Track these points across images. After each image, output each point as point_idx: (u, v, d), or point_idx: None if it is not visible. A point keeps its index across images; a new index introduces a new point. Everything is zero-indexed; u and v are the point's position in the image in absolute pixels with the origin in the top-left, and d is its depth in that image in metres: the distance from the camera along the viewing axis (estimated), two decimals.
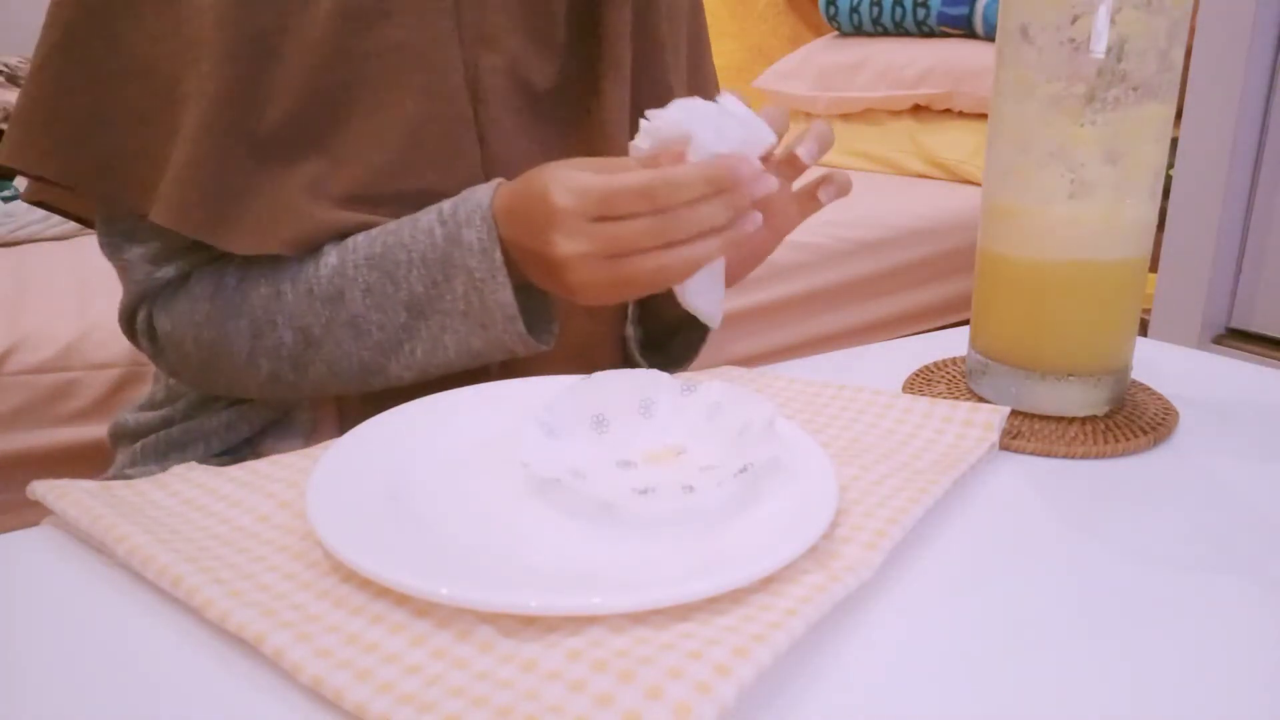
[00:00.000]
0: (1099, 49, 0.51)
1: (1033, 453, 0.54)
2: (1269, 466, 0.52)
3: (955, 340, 0.72)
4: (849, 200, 0.66)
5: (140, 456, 0.67)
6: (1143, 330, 1.29)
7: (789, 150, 0.59)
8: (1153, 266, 1.50)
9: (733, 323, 1.47)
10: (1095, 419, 0.57)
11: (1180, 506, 0.48)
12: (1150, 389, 0.62)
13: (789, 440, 0.47)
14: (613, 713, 0.30)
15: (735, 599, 0.37)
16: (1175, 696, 0.34)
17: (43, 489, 0.44)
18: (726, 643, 0.33)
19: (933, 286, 1.70)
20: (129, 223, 0.61)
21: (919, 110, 1.99)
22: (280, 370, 0.60)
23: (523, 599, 0.35)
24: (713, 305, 0.60)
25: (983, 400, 0.59)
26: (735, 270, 0.65)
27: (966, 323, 0.63)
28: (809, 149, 0.58)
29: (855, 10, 2.09)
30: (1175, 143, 1.51)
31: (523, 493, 0.44)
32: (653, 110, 0.54)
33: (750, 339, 1.50)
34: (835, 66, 2.07)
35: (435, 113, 0.60)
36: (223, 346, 0.60)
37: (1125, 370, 0.58)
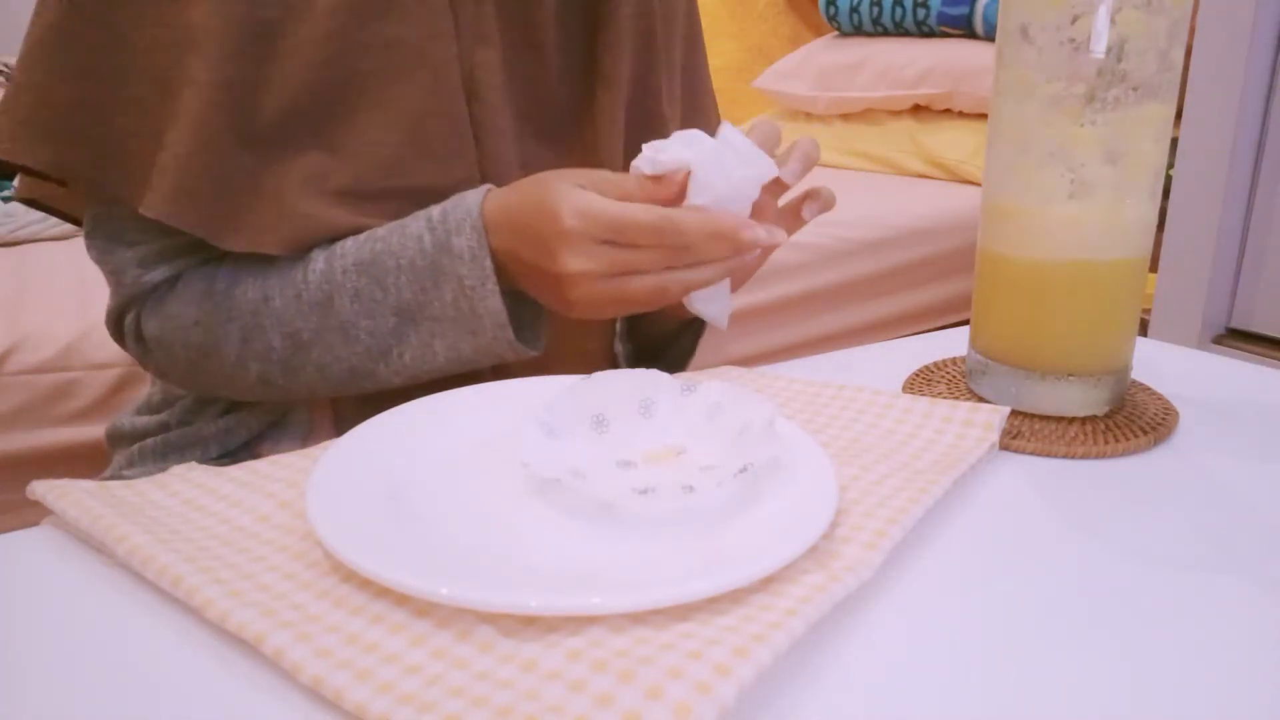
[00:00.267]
0: (1099, 49, 0.51)
1: (1033, 453, 0.54)
2: (1269, 466, 0.52)
3: (955, 340, 0.72)
4: (849, 200, 0.66)
5: (138, 459, 0.67)
6: (1143, 330, 1.29)
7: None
8: (1153, 266, 1.50)
9: (733, 323, 1.45)
10: (1095, 419, 0.57)
11: (1180, 506, 0.48)
12: (1150, 389, 0.62)
13: (789, 440, 0.47)
14: (613, 713, 0.30)
15: (735, 599, 0.37)
16: (1175, 696, 0.34)
17: (43, 489, 0.44)
18: (726, 643, 0.33)
19: (933, 286, 1.70)
20: (117, 225, 0.61)
21: (919, 110, 2.00)
22: (270, 373, 0.60)
23: (523, 599, 0.35)
24: (720, 310, 0.61)
25: (983, 400, 0.59)
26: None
27: (966, 323, 0.63)
28: (793, 170, 0.57)
29: (855, 10, 2.09)
30: (1175, 143, 1.51)
31: (523, 493, 0.44)
32: (655, 143, 0.55)
33: (750, 339, 1.50)
34: (835, 66, 2.07)
35: (433, 109, 0.60)
36: (212, 350, 0.60)
37: (1125, 370, 0.58)
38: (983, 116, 1.88)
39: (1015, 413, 0.57)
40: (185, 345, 0.61)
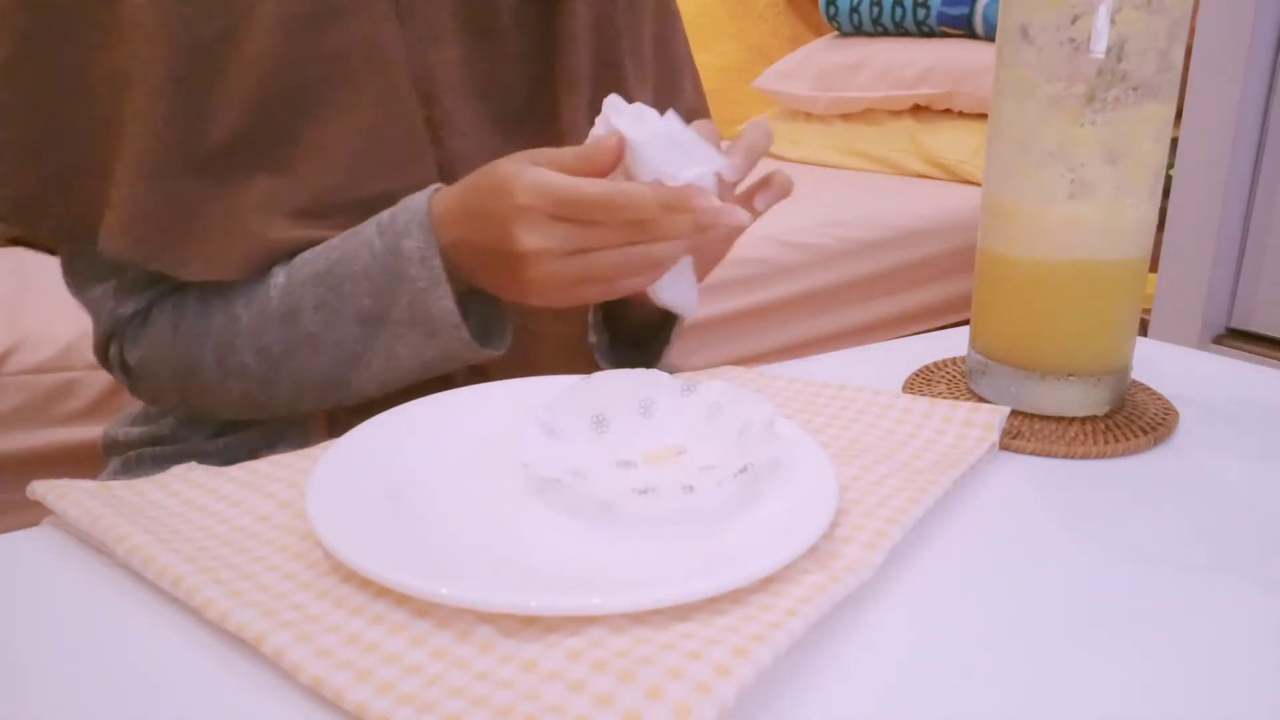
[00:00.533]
0: (1099, 49, 0.51)
1: (1033, 453, 0.54)
2: (1269, 466, 0.52)
3: (955, 340, 0.72)
4: (849, 200, 0.66)
5: (134, 466, 0.67)
6: (1143, 330, 1.29)
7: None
8: (1153, 266, 1.50)
9: (733, 323, 1.47)
10: (1095, 419, 0.57)
11: (1180, 506, 0.48)
12: (1150, 389, 0.62)
13: (789, 440, 0.47)
14: (613, 713, 0.30)
15: (735, 599, 0.37)
16: (1175, 696, 0.34)
17: (43, 489, 0.44)
18: (726, 643, 0.33)
19: (933, 286, 1.70)
20: (87, 260, 0.60)
21: (919, 110, 1.99)
22: (251, 390, 0.60)
23: (523, 599, 0.35)
24: (684, 298, 0.59)
25: (983, 400, 0.59)
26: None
27: (966, 323, 0.63)
28: (734, 165, 0.55)
29: (855, 10, 2.09)
30: (1175, 143, 1.51)
31: (523, 493, 0.44)
32: (617, 102, 0.53)
33: (750, 339, 1.50)
34: (835, 66, 2.07)
35: (386, 116, 0.60)
36: (192, 373, 0.60)
37: (1125, 370, 0.58)
38: (983, 116, 1.88)
39: (1015, 413, 0.57)
40: (167, 372, 0.61)
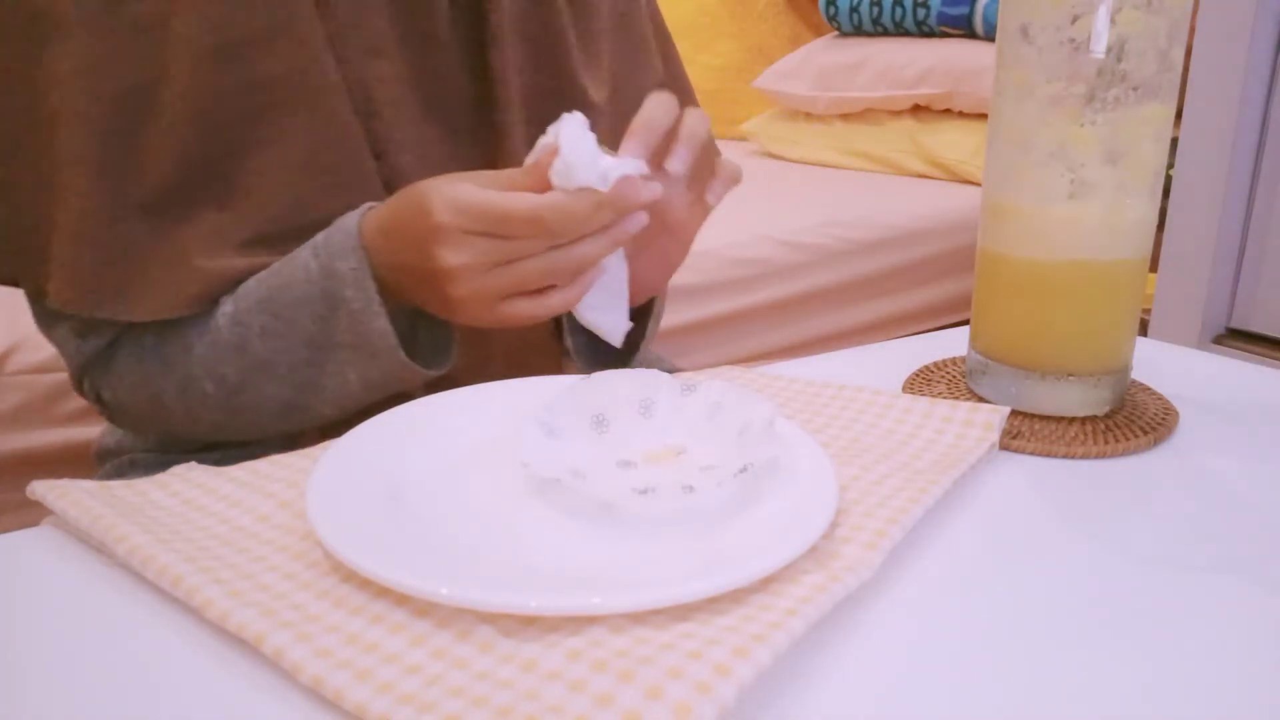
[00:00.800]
0: (1099, 49, 0.51)
1: (1033, 453, 0.54)
2: (1269, 466, 0.52)
3: (955, 340, 0.72)
4: (849, 200, 0.65)
5: (129, 468, 0.67)
6: (1143, 330, 1.29)
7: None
8: (1153, 266, 1.50)
9: (733, 323, 1.47)
10: (1095, 419, 0.57)
11: (1180, 506, 0.48)
12: (1150, 389, 0.62)
13: (789, 440, 0.47)
14: (613, 713, 0.30)
15: (735, 599, 0.37)
16: (1175, 696, 0.34)
17: (43, 489, 0.44)
18: (726, 643, 0.33)
19: (933, 286, 1.70)
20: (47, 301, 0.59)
21: (919, 110, 1.99)
22: (218, 419, 0.60)
23: (523, 599, 0.35)
24: (613, 321, 0.58)
25: (983, 400, 0.59)
26: (650, 280, 0.63)
27: (966, 323, 0.63)
28: (681, 158, 0.54)
29: (855, 10, 2.09)
30: (1175, 143, 1.51)
31: (523, 493, 0.44)
32: (568, 117, 0.51)
33: (750, 339, 1.50)
34: (835, 66, 2.06)
35: (324, 139, 0.59)
36: (160, 406, 0.60)
37: (1125, 370, 0.58)
38: (983, 116, 1.88)
39: (1015, 413, 0.57)
40: (137, 405, 0.61)
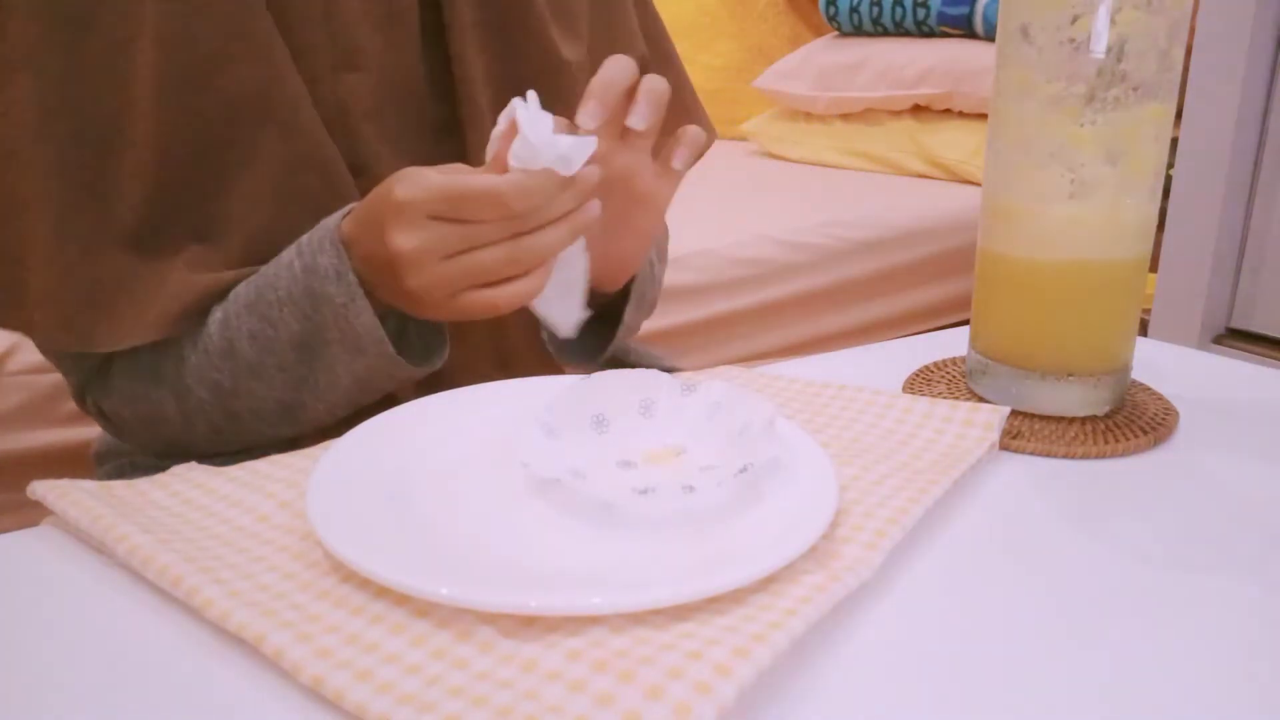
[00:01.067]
0: (1099, 49, 0.51)
1: (1033, 453, 0.54)
2: (1269, 466, 0.52)
3: (955, 340, 0.72)
4: (849, 200, 0.65)
5: (130, 469, 0.67)
6: (1143, 330, 1.29)
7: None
8: (1153, 266, 1.49)
9: (733, 323, 1.47)
10: (1095, 419, 0.57)
11: (1180, 506, 0.48)
12: (1150, 389, 0.62)
13: (789, 440, 0.47)
14: (613, 713, 0.30)
15: (735, 599, 0.37)
16: (1176, 696, 0.34)
17: (43, 489, 0.44)
18: (726, 643, 0.33)
19: (933, 286, 1.70)
20: None
21: (919, 110, 1.99)
22: (216, 426, 0.59)
23: (522, 599, 0.35)
24: (564, 313, 0.57)
25: (983, 400, 0.59)
26: (625, 256, 0.62)
27: (966, 323, 0.63)
28: (640, 114, 0.53)
29: (855, 10, 2.09)
30: (1175, 143, 1.51)
31: (523, 493, 0.44)
32: (520, 101, 0.51)
33: (750, 339, 1.50)
34: (835, 66, 2.07)
35: (296, 156, 0.58)
36: (158, 417, 0.59)
37: (1125, 370, 0.58)
38: (983, 116, 1.88)
39: (1015, 413, 0.57)
40: (137, 418, 0.60)
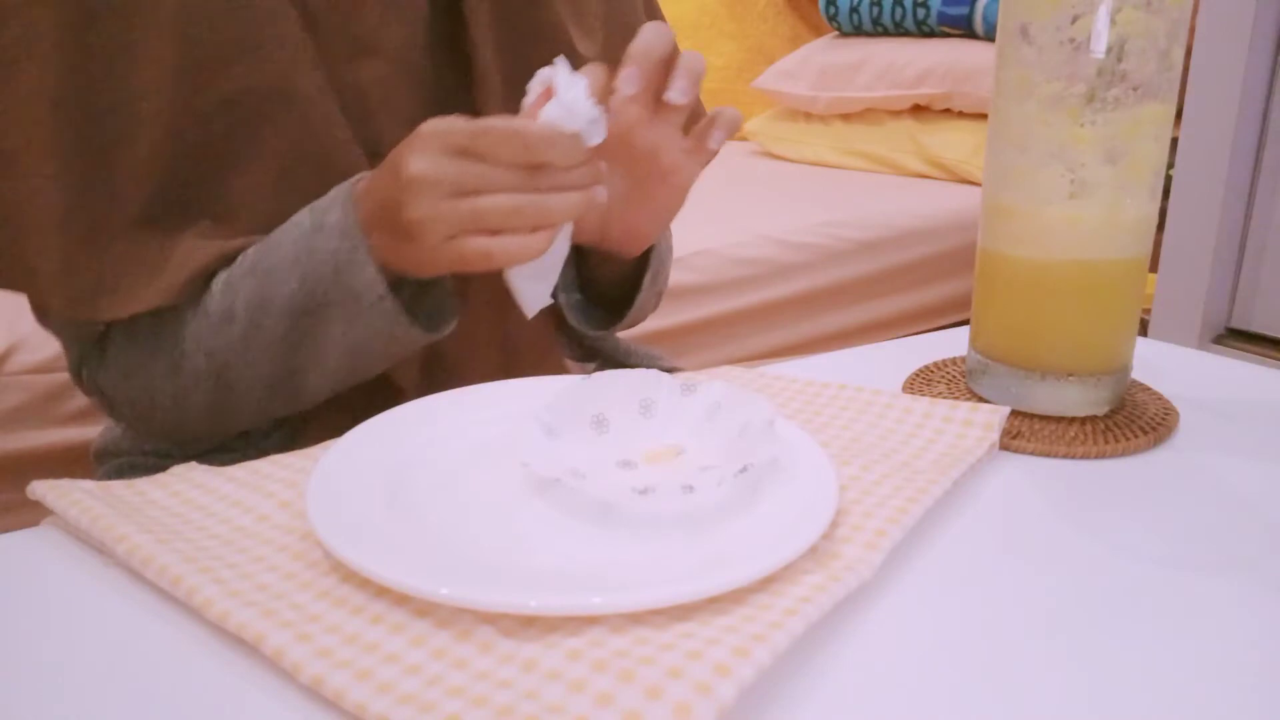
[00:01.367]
0: (1099, 49, 0.51)
1: (1033, 453, 0.54)
2: (1269, 466, 0.52)
3: (955, 340, 0.72)
4: (849, 200, 0.65)
5: (129, 469, 0.67)
6: (1143, 330, 1.29)
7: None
8: (1153, 266, 1.50)
9: (733, 323, 1.47)
10: (1095, 419, 0.57)
11: (1180, 506, 0.48)
12: (1150, 389, 0.62)
13: (789, 440, 0.47)
14: (613, 712, 0.30)
15: (735, 599, 0.37)
16: (1176, 696, 0.34)
17: (43, 489, 0.44)
18: (726, 643, 0.33)
19: (933, 286, 1.70)
20: None
21: (919, 110, 1.99)
22: (212, 400, 0.59)
23: (522, 599, 0.35)
24: (535, 291, 0.56)
25: (983, 400, 0.59)
26: (644, 228, 0.63)
27: (966, 323, 0.63)
28: (680, 87, 0.53)
29: (855, 10, 2.09)
30: (1175, 143, 1.51)
31: (523, 493, 0.44)
32: (559, 61, 0.52)
33: (750, 339, 1.50)
34: (835, 66, 2.07)
35: (312, 146, 0.58)
36: (154, 388, 0.59)
37: (1125, 370, 0.58)
38: (983, 116, 1.88)
39: (1015, 413, 0.57)
40: (134, 391, 0.60)
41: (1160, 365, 0.67)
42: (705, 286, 1.42)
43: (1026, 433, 0.55)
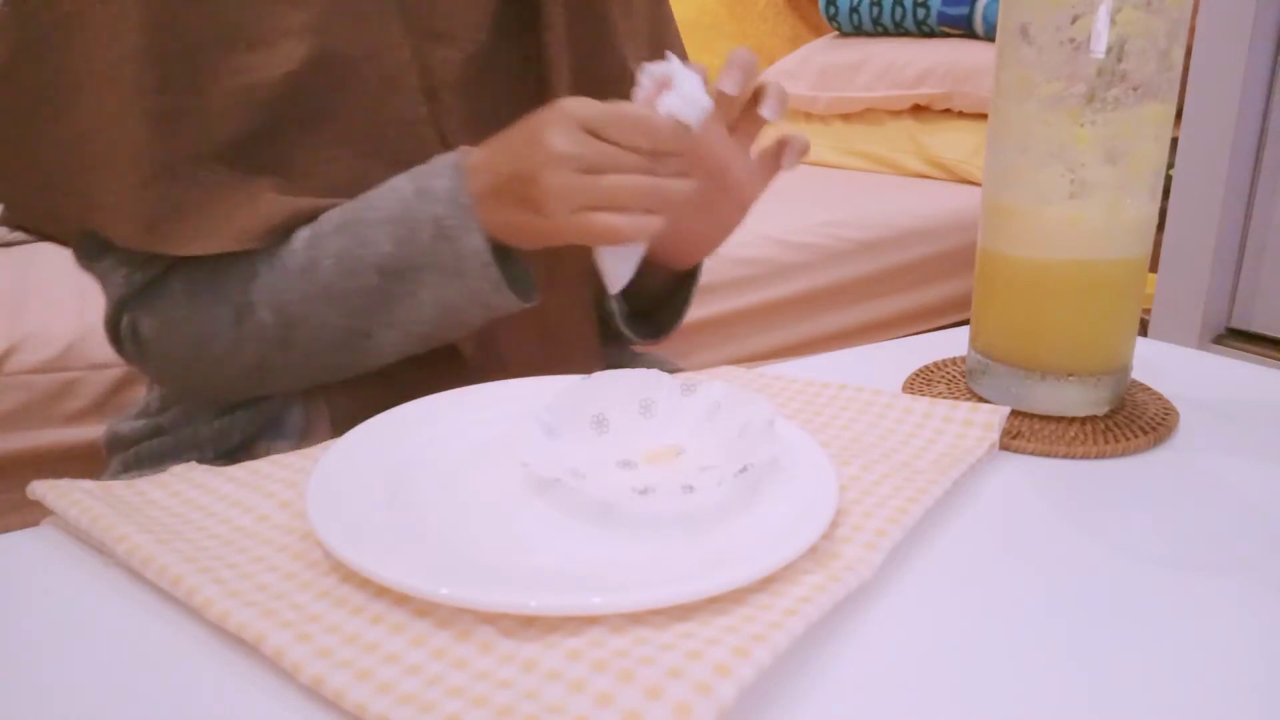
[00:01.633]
0: (1099, 49, 0.51)
1: (1033, 453, 0.54)
2: (1269, 466, 0.52)
3: (955, 340, 0.72)
4: (849, 200, 0.66)
5: (134, 464, 0.67)
6: (1143, 330, 1.29)
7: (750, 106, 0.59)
8: (1153, 266, 1.50)
9: (733, 323, 1.47)
10: (1095, 419, 0.57)
11: (1180, 506, 0.48)
12: (1150, 389, 0.62)
13: (789, 440, 0.47)
14: (613, 712, 0.30)
15: (735, 599, 0.37)
16: (1176, 696, 0.34)
17: (43, 489, 0.44)
18: (726, 643, 0.33)
19: (933, 286, 1.70)
20: (95, 233, 0.60)
21: (919, 110, 2.00)
22: (266, 355, 0.59)
23: (522, 599, 0.35)
24: (622, 271, 0.60)
25: (983, 400, 0.59)
26: (704, 241, 0.66)
27: (966, 323, 0.63)
28: (771, 106, 0.58)
29: (855, 10, 2.09)
30: (1175, 143, 1.51)
31: (523, 493, 0.44)
32: (672, 56, 0.55)
33: (750, 339, 1.50)
34: (835, 66, 2.07)
35: (390, 118, 0.60)
36: (207, 339, 0.59)
37: (1125, 370, 0.58)
38: (983, 116, 1.88)
39: (1015, 413, 0.57)
40: (180, 340, 0.60)
41: (1160, 365, 0.67)
42: (705, 286, 1.41)
43: (1026, 433, 0.55)
